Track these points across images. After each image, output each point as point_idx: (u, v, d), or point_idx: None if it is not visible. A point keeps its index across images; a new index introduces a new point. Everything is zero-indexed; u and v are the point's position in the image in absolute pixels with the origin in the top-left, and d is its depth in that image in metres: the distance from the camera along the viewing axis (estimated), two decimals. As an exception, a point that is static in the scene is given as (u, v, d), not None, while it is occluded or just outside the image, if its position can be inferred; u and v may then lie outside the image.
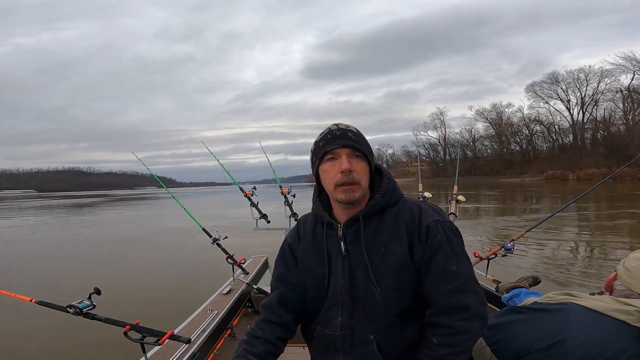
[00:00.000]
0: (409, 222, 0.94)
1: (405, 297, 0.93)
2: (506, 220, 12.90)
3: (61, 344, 3.91)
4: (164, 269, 7.37)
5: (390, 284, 0.92)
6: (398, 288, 0.93)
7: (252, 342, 1.01)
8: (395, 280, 0.92)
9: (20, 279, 6.74)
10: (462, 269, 0.90)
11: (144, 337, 1.38)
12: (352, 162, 0.93)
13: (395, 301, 0.93)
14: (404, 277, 0.93)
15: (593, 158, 49.90)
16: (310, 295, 1.03)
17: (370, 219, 0.97)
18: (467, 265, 0.92)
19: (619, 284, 1.02)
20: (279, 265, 1.12)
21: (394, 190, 0.99)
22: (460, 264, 0.91)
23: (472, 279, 0.91)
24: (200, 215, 17.31)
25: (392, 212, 0.97)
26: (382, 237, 0.95)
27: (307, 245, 1.05)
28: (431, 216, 0.94)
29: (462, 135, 75.31)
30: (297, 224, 1.14)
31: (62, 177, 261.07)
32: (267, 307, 1.08)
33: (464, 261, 0.92)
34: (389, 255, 0.93)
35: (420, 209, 0.96)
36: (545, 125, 63.18)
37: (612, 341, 0.89)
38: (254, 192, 2.78)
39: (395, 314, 0.93)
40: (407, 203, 0.99)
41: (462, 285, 0.89)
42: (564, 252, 7.66)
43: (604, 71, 53.15)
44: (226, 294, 2.54)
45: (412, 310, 0.94)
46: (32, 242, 11.82)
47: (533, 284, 1.90)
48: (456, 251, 0.92)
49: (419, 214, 0.95)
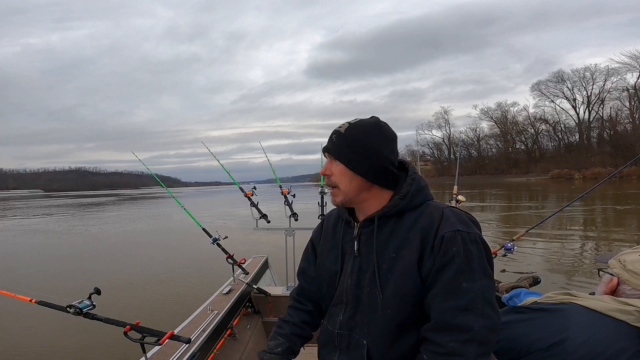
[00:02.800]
0: (426, 228, 0.87)
1: (406, 307, 0.88)
2: (508, 220, 12.82)
3: (61, 344, 3.95)
4: (164, 269, 7.42)
5: (394, 292, 0.88)
6: (400, 297, 0.88)
7: (282, 325, 1.10)
8: (399, 288, 0.88)
9: (39, 280, 6.82)
10: (475, 287, 0.81)
11: (144, 337, 1.38)
12: (332, 165, 0.95)
13: (394, 310, 0.89)
14: (407, 286, 0.87)
15: (599, 157, 49.55)
16: (325, 290, 1.04)
17: (387, 221, 0.92)
18: (483, 284, 0.82)
19: (629, 289, 1.00)
20: (303, 259, 1.17)
21: (418, 193, 0.92)
22: (473, 282, 0.81)
23: (485, 299, 0.81)
24: (204, 215, 17.45)
25: (412, 216, 0.91)
26: (396, 242, 0.90)
27: (326, 242, 1.07)
28: (451, 225, 0.85)
29: (466, 134, 75.04)
30: (322, 220, 1.15)
31: (69, 177, 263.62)
32: (291, 296, 1.17)
33: (481, 279, 0.82)
34: (399, 262, 0.89)
35: (442, 216, 0.87)
36: (550, 124, 62.90)
37: (612, 341, 0.88)
38: (254, 192, 2.79)
39: (392, 323, 0.89)
40: (429, 207, 0.91)
41: (469, 304, 0.80)
42: (565, 251, 7.61)
43: (610, 70, 52.82)
44: (226, 294, 2.54)
45: (411, 322, 0.89)
46: (57, 244, 11.95)
47: (533, 283, 1.89)
48: (473, 267, 0.82)
49: (439, 221, 0.87)
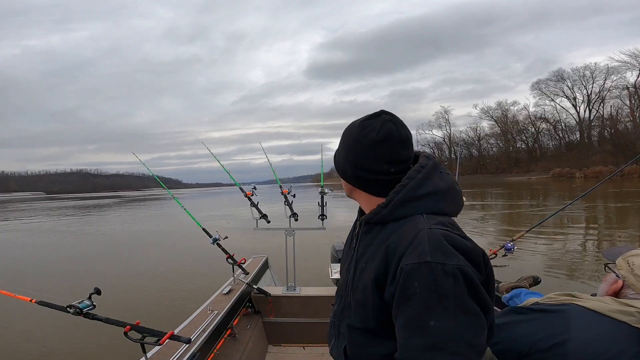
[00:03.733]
0: (391, 251, 0.78)
1: (369, 319, 0.83)
2: (508, 219, 12.80)
3: (61, 344, 3.95)
4: (164, 269, 7.43)
5: (359, 300, 0.85)
6: (363, 307, 0.84)
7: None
8: (361, 298, 0.84)
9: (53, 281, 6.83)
10: (447, 326, 0.68)
11: (144, 337, 1.38)
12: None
13: (360, 317, 0.85)
14: (367, 300, 0.82)
15: (600, 156, 49.48)
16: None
17: (372, 227, 0.87)
18: (459, 322, 0.69)
19: (632, 293, 0.99)
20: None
21: (404, 203, 0.80)
22: (445, 320, 0.68)
23: (460, 339, 0.68)
24: (207, 215, 17.47)
25: (391, 229, 0.82)
26: (370, 252, 0.85)
27: (348, 237, 1.07)
28: (417, 256, 0.72)
29: (467, 133, 75.08)
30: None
31: (70, 179, 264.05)
32: None
33: (456, 317, 0.69)
34: (364, 274, 0.85)
35: (413, 240, 0.74)
36: (551, 123, 62.84)
37: (613, 342, 0.88)
38: (254, 192, 2.80)
39: (361, 329, 0.86)
40: (410, 224, 0.78)
41: (438, 343, 0.68)
42: (566, 251, 7.60)
43: (610, 68, 52.81)
44: (226, 294, 2.54)
45: (376, 333, 0.83)
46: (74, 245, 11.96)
47: (533, 284, 1.88)
48: (446, 304, 0.69)
49: (406, 247, 0.74)
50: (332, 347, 1.01)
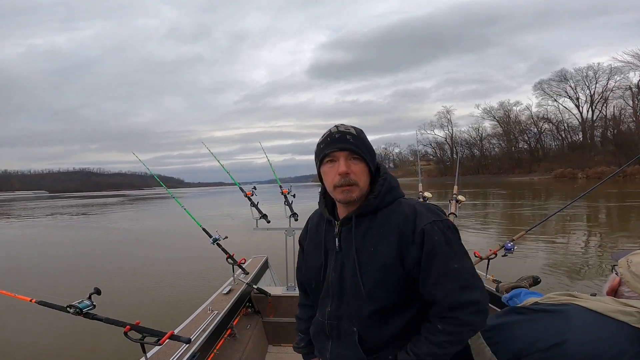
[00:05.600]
0: (402, 224, 0.95)
1: (390, 294, 0.96)
2: (509, 219, 12.77)
3: (61, 344, 3.96)
4: (164, 269, 7.44)
5: (375, 282, 0.96)
6: (382, 286, 0.96)
7: (298, 321, 1.25)
8: (380, 278, 0.96)
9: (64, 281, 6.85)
10: (463, 266, 0.92)
11: (144, 337, 1.38)
12: (351, 163, 0.97)
13: (378, 297, 0.96)
14: (389, 276, 0.95)
15: (603, 156, 49.23)
16: (314, 285, 1.11)
17: (364, 219, 1.01)
18: (467, 262, 0.94)
19: (627, 290, 1.00)
20: (298, 259, 1.25)
21: (389, 192, 1.01)
22: (461, 262, 0.92)
23: (473, 274, 0.94)
24: (207, 215, 17.49)
25: (385, 214, 0.99)
26: (372, 237, 0.98)
27: (311, 240, 1.14)
28: (426, 218, 0.94)
29: (469, 134, 74.90)
30: (307, 221, 1.22)
31: (73, 178, 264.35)
32: (299, 293, 1.29)
33: (464, 258, 0.94)
34: (377, 255, 0.96)
35: (415, 212, 0.96)
36: (554, 123, 62.66)
37: (613, 342, 0.88)
38: (253, 192, 2.81)
39: (378, 309, 0.97)
40: (402, 205, 0.99)
41: (465, 282, 0.91)
42: (566, 251, 7.58)
43: (613, 68, 52.58)
44: (226, 294, 2.54)
45: (395, 306, 0.97)
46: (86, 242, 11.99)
47: (533, 283, 1.87)
48: (455, 249, 0.93)
49: (414, 217, 0.95)
50: (330, 350, 1.06)
